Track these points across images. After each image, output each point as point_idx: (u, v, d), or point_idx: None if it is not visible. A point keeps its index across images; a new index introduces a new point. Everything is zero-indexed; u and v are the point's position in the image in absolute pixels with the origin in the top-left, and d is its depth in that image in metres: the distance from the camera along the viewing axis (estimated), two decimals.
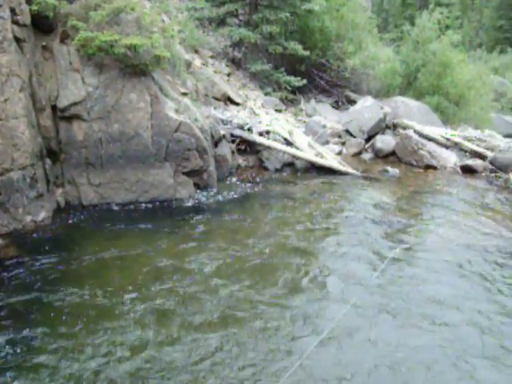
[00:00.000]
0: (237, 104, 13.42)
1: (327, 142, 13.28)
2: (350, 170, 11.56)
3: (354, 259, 7.00)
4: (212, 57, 15.31)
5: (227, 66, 15.58)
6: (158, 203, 8.63)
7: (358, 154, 13.47)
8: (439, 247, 7.74)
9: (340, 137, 13.99)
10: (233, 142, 11.23)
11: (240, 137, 11.36)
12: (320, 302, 5.73)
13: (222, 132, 10.61)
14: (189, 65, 11.81)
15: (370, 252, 7.25)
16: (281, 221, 8.26)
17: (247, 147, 11.58)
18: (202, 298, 5.64)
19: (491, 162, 13.11)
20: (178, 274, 6.17)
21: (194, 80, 11.28)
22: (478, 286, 6.48)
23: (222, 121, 11.28)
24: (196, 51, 14.26)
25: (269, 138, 11.52)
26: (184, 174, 8.90)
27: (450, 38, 17.48)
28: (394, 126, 14.48)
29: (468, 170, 12.93)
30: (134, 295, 5.62)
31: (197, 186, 9.18)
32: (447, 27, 18.67)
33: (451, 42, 17.53)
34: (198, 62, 13.47)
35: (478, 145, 13.91)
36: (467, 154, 13.78)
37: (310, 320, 5.32)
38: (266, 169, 11.37)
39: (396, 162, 13.03)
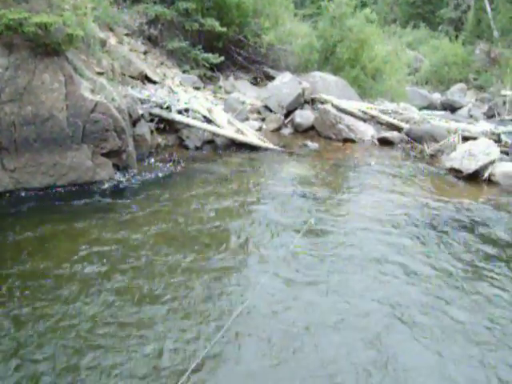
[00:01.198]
0: (154, 82, 13.24)
1: (247, 119, 13.34)
2: (270, 145, 11.68)
3: (276, 229, 7.16)
4: (127, 35, 14.98)
5: (143, 44, 15.31)
6: (77, 186, 8.42)
7: (278, 129, 13.62)
8: (359, 216, 7.99)
9: (259, 113, 14.09)
10: (151, 121, 11.05)
11: (159, 116, 11.21)
12: (245, 269, 5.94)
13: (140, 111, 10.44)
14: (104, 43, 11.54)
15: (291, 222, 7.40)
16: (204, 196, 8.27)
17: (166, 126, 11.45)
18: (136, 266, 5.75)
19: (407, 134, 13.58)
20: (112, 248, 6.18)
21: (109, 59, 11.03)
22: (396, 249, 6.80)
23: (140, 100, 11.08)
24: (111, 29, 13.93)
25: (188, 116, 11.43)
26: (102, 155, 8.71)
27: (365, 14, 17.82)
28: (313, 101, 14.70)
29: (385, 142, 13.35)
30: (70, 270, 5.59)
31: (116, 167, 9.01)
32: (362, 4, 19.00)
33: (367, 18, 17.87)
34: (113, 41, 13.18)
35: (394, 117, 14.35)
36: (384, 126, 14.20)
37: (235, 287, 5.49)
38: (186, 147, 11.29)
39: (315, 137, 13.28)
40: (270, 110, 14.13)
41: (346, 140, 13.12)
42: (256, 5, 17.28)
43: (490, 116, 23.37)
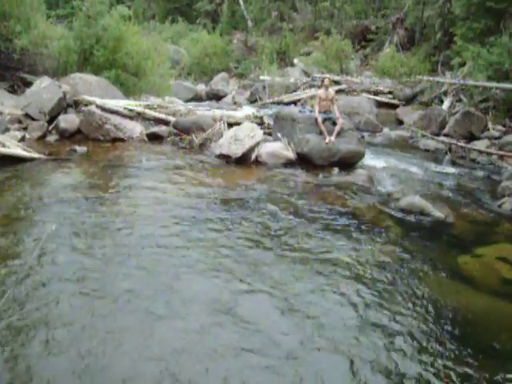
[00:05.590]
0: None
1: (7, 130, 12.57)
2: (35, 154, 11.17)
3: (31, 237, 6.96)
4: None
5: None
6: None
7: (43, 137, 13.05)
8: (131, 213, 8.05)
9: (21, 122, 13.37)
10: None
11: None
12: None
13: None
14: None
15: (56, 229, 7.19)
16: None
17: None
18: None
19: (174, 127, 13.91)
20: None
21: None
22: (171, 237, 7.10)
23: None
24: None
25: None
26: None
27: (120, 12, 17.71)
28: (76, 104, 14.33)
29: (155, 137, 13.57)
30: None
31: None
32: (118, 1, 18.88)
33: (122, 15, 17.77)
34: None
35: (160, 112, 14.54)
36: (152, 122, 14.35)
37: None
38: None
39: (83, 140, 12.95)
40: (32, 118, 13.49)
41: (115, 139, 13.04)
42: (3, 7, 16.29)
43: (252, 101, 24.86)
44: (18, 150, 11.13)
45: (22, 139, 12.40)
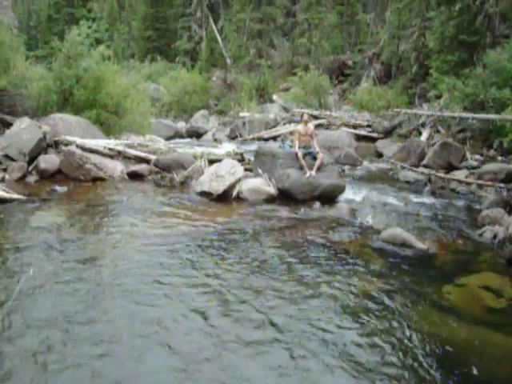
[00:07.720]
0: None
1: None
2: (15, 195, 11.07)
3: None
4: None
5: None
6: None
7: (23, 177, 12.94)
8: (115, 255, 7.94)
9: (0, 163, 13.30)
10: None
11: None
12: None
13: None
14: None
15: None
16: None
17: None
18: None
19: (155, 165, 13.94)
20: None
21: None
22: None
23: None
24: None
25: None
26: None
27: (101, 53, 17.77)
28: (56, 144, 14.28)
29: (135, 176, 13.54)
30: None
31: None
32: (98, 41, 18.93)
33: (102, 56, 17.84)
34: None
35: (140, 150, 14.55)
36: (132, 160, 14.33)
37: None
38: None
39: (64, 180, 12.87)
40: (12, 159, 13.39)
41: (96, 179, 12.97)
42: None
43: (232, 137, 25.02)
44: None
45: (2, 180, 12.32)
